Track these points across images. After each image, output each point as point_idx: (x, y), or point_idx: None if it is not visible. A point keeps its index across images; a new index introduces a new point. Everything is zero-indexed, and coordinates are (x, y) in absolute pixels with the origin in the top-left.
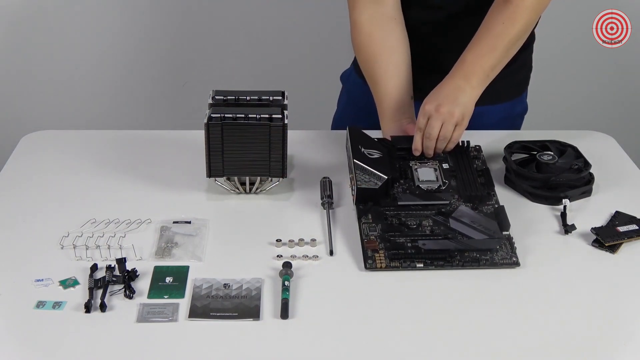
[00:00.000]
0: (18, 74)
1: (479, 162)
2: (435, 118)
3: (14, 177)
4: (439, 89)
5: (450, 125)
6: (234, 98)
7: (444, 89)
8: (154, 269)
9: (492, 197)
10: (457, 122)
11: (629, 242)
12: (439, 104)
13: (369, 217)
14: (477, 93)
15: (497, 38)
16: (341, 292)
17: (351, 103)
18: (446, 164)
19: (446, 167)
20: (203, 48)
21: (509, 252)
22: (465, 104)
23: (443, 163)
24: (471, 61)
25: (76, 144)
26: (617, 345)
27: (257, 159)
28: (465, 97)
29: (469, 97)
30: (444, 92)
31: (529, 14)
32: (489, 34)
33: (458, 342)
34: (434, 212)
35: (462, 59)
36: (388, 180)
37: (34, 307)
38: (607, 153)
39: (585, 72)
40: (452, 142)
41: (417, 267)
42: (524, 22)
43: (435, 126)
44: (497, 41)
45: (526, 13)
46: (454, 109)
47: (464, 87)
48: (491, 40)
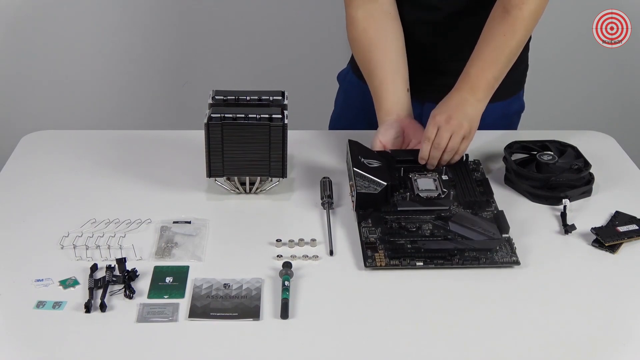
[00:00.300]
0: (18, 74)
1: (478, 174)
2: (445, 129)
3: (14, 177)
4: (447, 101)
5: (459, 137)
6: (234, 98)
7: (452, 100)
8: (154, 269)
9: (492, 204)
10: (465, 134)
11: (629, 242)
12: (449, 116)
13: (368, 222)
14: (482, 105)
15: (499, 50)
16: (341, 292)
17: (348, 103)
18: (445, 175)
19: (445, 179)
20: (203, 48)
21: (508, 252)
22: (473, 116)
23: (442, 175)
24: (475, 74)
25: (76, 144)
26: (617, 345)
27: (257, 159)
28: (473, 110)
29: (475, 110)
30: (453, 104)
31: (528, 23)
32: (491, 47)
33: (458, 342)
34: (434, 216)
35: (467, 72)
36: (388, 187)
37: (34, 307)
38: (607, 153)
39: (585, 72)
40: (458, 154)
41: (416, 266)
42: (524, 32)
43: (444, 137)
44: (499, 53)
45: (525, 23)
46: (463, 121)
47: (471, 100)
48: (493, 53)
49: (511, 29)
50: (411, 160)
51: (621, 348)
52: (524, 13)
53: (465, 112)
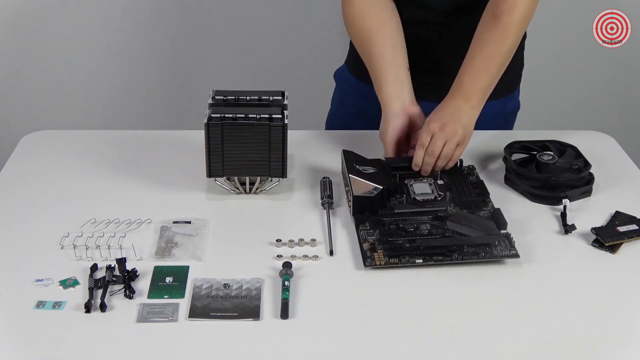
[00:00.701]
0: (18, 74)
1: (473, 177)
2: (439, 136)
3: (14, 177)
4: (441, 108)
5: (453, 144)
6: (234, 98)
7: (446, 108)
8: (154, 269)
9: (488, 204)
10: (459, 141)
11: (629, 242)
12: (443, 123)
13: (366, 225)
14: (477, 112)
15: (491, 58)
16: (341, 292)
17: (344, 102)
18: (440, 180)
19: (441, 183)
20: (203, 48)
21: (507, 246)
22: (467, 124)
23: (437, 180)
24: (469, 82)
25: (76, 144)
26: (617, 345)
27: (257, 159)
28: (467, 117)
29: (470, 117)
30: (447, 111)
31: (518, 28)
32: (482, 54)
33: (458, 342)
34: (431, 217)
35: (460, 80)
36: (384, 191)
37: (34, 307)
38: (607, 153)
39: (585, 72)
40: (452, 161)
41: (416, 263)
42: (514, 38)
43: (438, 144)
44: (491, 61)
45: (515, 28)
46: (457, 128)
47: (465, 107)
48: (485, 61)
49: (501, 36)
50: (406, 167)
51: (621, 348)
52: (513, 18)
53: (459, 120)
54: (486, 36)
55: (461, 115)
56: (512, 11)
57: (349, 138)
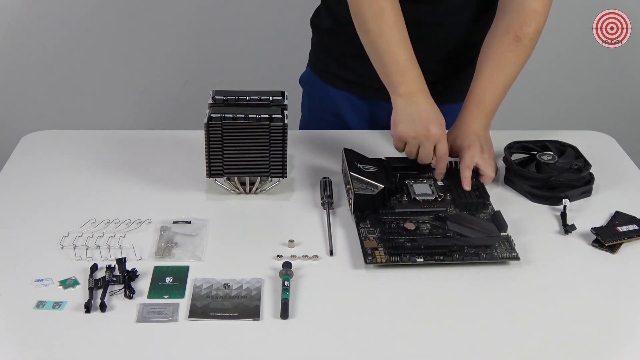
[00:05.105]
0: (18, 74)
1: (473, 180)
2: (472, 155)
3: (14, 177)
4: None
5: (481, 159)
6: (234, 98)
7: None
8: (154, 269)
9: (488, 206)
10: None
11: (629, 242)
12: (481, 145)
13: (367, 223)
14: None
15: (509, 78)
16: (341, 292)
17: (315, 106)
18: (440, 182)
19: (441, 185)
20: (203, 48)
21: (508, 248)
22: (487, 137)
23: (437, 181)
24: (490, 101)
25: (76, 144)
26: (617, 345)
27: (257, 159)
28: (486, 132)
29: (487, 131)
30: (480, 133)
31: (534, 46)
32: (502, 75)
33: (458, 342)
34: (432, 217)
35: (481, 99)
36: (384, 190)
37: (34, 307)
38: (607, 153)
39: (585, 72)
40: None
41: (417, 262)
42: (529, 56)
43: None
44: (510, 80)
45: (532, 47)
46: (489, 148)
47: (487, 126)
48: (506, 80)
49: (521, 58)
50: (406, 167)
51: (621, 348)
52: (534, 42)
53: (487, 140)
54: (508, 57)
55: (487, 135)
56: (535, 35)
57: (349, 138)
